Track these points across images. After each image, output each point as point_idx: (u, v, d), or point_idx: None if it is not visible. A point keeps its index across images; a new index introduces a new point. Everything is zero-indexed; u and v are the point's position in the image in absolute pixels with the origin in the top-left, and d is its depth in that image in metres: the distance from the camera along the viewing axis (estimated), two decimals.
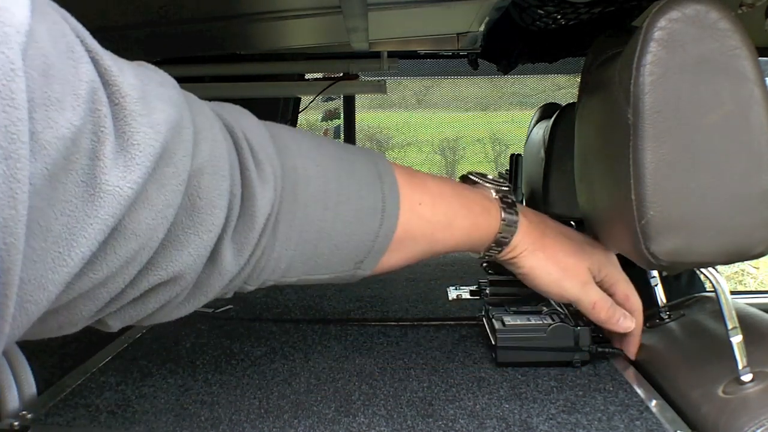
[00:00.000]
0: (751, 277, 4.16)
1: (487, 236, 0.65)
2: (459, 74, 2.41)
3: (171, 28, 1.07)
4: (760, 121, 0.54)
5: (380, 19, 1.02)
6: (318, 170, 0.53)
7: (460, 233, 0.64)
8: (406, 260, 0.62)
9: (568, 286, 0.67)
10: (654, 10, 0.55)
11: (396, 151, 5.80)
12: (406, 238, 0.59)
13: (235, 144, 0.46)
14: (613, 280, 0.70)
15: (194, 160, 0.40)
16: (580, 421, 0.58)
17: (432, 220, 0.61)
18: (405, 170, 0.61)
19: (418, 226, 0.60)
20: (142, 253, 0.38)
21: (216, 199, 0.42)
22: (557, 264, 0.67)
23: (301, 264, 0.54)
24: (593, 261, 0.69)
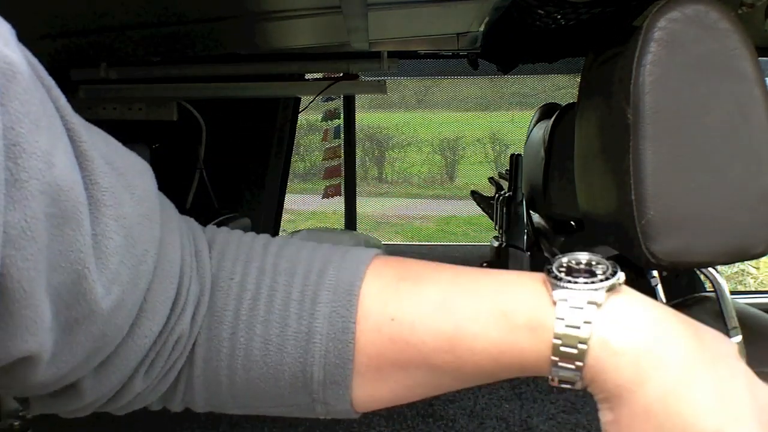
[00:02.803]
0: (751, 277, 4.16)
1: (532, 360, 0.41)
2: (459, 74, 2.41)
3: (171, 28, 1.07)
4: (760, 121, 0.54)
5: (380, 19, 1.02)
6: (232, 283, 0.45)
7: (472, 358, 0.43)
8: (409, 391, 0.46)
9: None
10: (654, 10, 0.55)
11: (396, 151, 5.80)
12: (383, 366, 0.44)
13: (193, 251, 0.43)
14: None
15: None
16: (580, 421, 0.58)
17: (413, 343, 0.44)
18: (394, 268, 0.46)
19: (395, 352, 0.44)
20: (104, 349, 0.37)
21: (159, 305, 0.39)
22: (671, 425, 0.37)
23: (224, 397, 0.46)
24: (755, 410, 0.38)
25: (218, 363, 0.44)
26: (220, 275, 0.45)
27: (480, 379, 0.44)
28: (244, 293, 0.44)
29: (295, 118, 1.85)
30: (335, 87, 1.47)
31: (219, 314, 0.44)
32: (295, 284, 0.45)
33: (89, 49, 1.22)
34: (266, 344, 0.44)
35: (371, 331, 0.44)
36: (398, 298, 0.44)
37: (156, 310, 0.38)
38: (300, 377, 0.44)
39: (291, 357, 0.44)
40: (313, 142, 4.23)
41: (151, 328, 0.38)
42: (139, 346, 0.38)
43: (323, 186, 2.09)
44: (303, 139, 4.24)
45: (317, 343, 0.44)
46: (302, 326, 0.44)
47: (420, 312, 0.44)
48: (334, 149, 2.07)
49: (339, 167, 2.07)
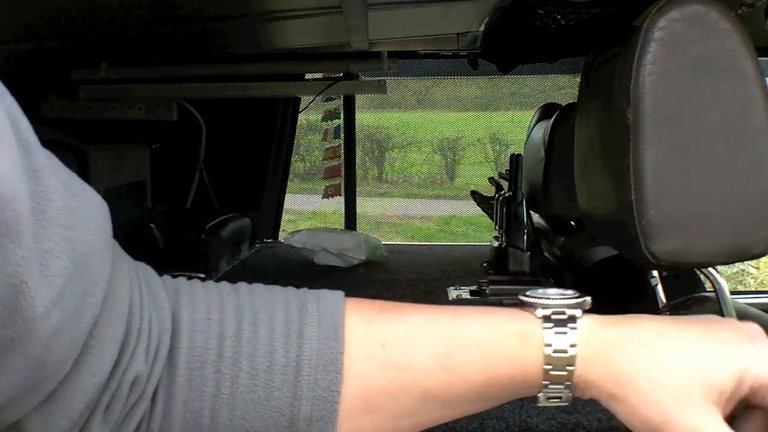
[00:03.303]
0: (751, 277, 4.17)
1: (525, 371, 0.44)
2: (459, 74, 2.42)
3: (171, 28, 1.07)
4: (760, 121, 0.54)
5: (380, 19, 1.02)
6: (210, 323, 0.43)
7: (466, 372, 0.44)
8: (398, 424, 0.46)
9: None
10: (654, 10, 0.55)
11: (396, 151, 5.81)
12: (372, 395, 0.44)
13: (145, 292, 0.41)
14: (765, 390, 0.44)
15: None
16: (580, 421, 0.58)
17: (406, 365, 0.44)
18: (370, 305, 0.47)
19: (385, 377, 0.44)
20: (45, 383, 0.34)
21: (107, 343, 0.37)
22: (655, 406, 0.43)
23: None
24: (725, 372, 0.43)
25: (201, 404, 0.42)
26: (196, 317, 0.43)
27: (469, 401, 0.46)
28: (226, 331, 0.43)
29: (295, 118, 1.85)
30: (335, 87, 1.47)
31: (200, 354, 0.43)
32: (278, 320, 0.45)
33: (89, 49, 1.23)
34: (253, 379, 0.43)
35: (360, 359, 0.44)
36: (385, 325, 0.45)
37: (104, 348, 0.36)
38: (287, 413, 0.43)
39: (279, 392, 0.43)
40: (313, 142, 4.23)
41: (99, 367, 0.36)
42: (87, 385, 0.36)
43: (323, 186, 2.09)
44: (303, 139, 4.24)
45: (305, 375, 0.43)
46: (290, 359, 0.43)
47: (409, 334, 0.45)
48: (334, 149, 2.07)
49: (339, 167, 2.07)
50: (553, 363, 0.44)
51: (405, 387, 0.44)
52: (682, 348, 0.45)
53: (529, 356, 0.44)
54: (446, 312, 0.47)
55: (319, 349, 0.44)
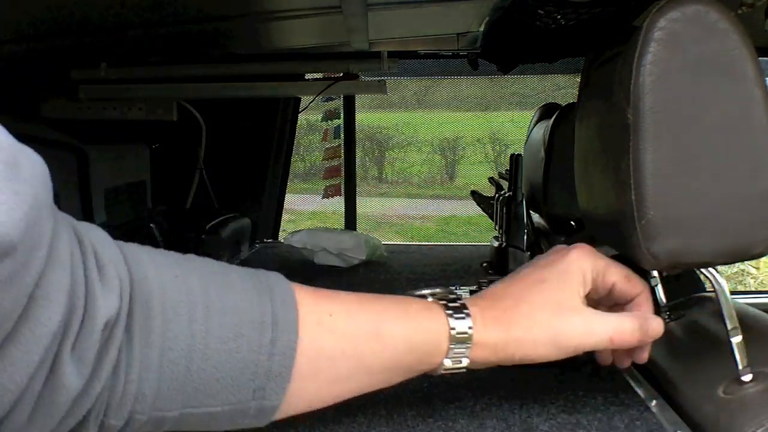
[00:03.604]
0: (751, 277, 4.16)
1: (438, 338, 0.53)
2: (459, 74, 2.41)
3: (171, 28, 1.07)
4: (760, 121, 0.54)
5: (380, 19, 1.02)
6: (176, 281, 0.46)
7: (394, 342, 0.52)
8: (333, 389, 0.52)
9: (566, 343, 0.55)
10: (654, 10, 0.55)
11: (396, 151, 5.80)
12: (320, 358, 0.50)
13: (80, 244, 0.41)
14: (602, 275, 0.59)
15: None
16: (580, 421, 0.58)
17: (348, 332, 0.51)
18: (309, 287, 0.52)
19: (332, 342, 0.50)
20: None
21: (54, 293, 0.37)
22: (540, 328, 0.55)
23: (175, 392, 0.45)
24: (571, 280, 0.57)
25: (177, 353, 0.45)
26: (163, 272, 0.46)
27: (391, 369, 0.53)
28: (194, 287, 0.47)
29: (295, 118, 1.85)
30: (335, 87, 1.47)
31: (174, 306, 0.45)
32: (240, 282, 0.49)
33: (89, 49, 1.23)
34: (225, 331, 0.46)
35: (312, 324, 0.50)
36: (328, 300, 0.52)
37: (51, 297, 0.37)
38: (251, 366, 0.47)
39: (247, 344, 0.47)
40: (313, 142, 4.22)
41: (49, 316, 0.37)
42: (38, 336, 0.36)
43: (323, 186, 2.09)
44: (303, 139, 4.24)
45: (268, 333, 0.47)
46: (255, 315, 0.48)
47: (350, 308, 0.52)
48: (334, 149, 2.07)
49: (339, 167, 2.07)
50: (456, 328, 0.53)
51: (345, 353, 0.51)
52: (536, 282, 0.57)
53: (436, 326, 0.53)
54: (371, 296, 0.55)
55: (281, 310, 0.49)
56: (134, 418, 0.44)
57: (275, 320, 0.48)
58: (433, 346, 0.53)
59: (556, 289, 0.56)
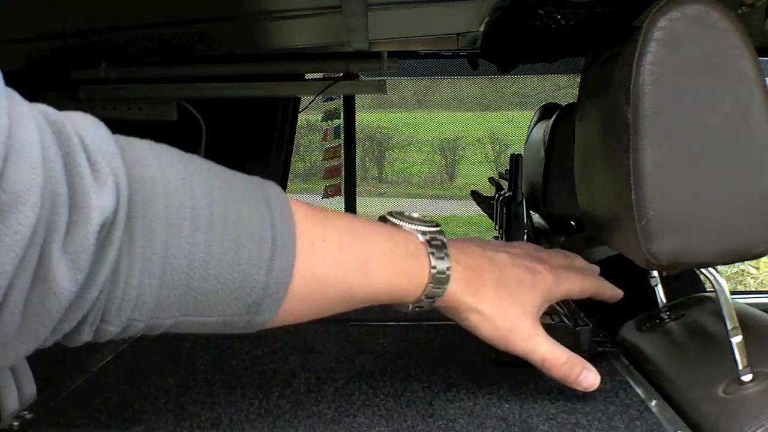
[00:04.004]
0: (751, 277, 4.16)
1: (415, 285, 0.56)
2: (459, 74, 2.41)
3: (171, 28, 1.07)
4: (760, 121, 0.54)
5: (380, 19, 1.02)
6: (182, 183, 0.44)
7: (378, 279, 0.54)
8: (316, 311, 0.53)
9: (514, 341, 0.60)
10: (654, 10, 0.55)
11: (396, 151, 5.80)
12: (312, 281, 0.50)
13: (61, 140, 0.39)
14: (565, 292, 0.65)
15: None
16: (580, 421, 0.58)
17: (340, 261, 0.51)
18: (304, 203, 0.52)
19: (325, 268, 0.50)
20: None
21: (24, 195, 0.34)
22: (504, 317, 0.59)
23: (175, 300, 0.44)
24: (540, 294, 0.62)
25: (179, 261, 0.43)
26: (168, 176, 0.44)
27: (370, 302, 0.56)
28: (197, 193, 0.45)
29: (295, 118, 1.85)
30: (335, 87, 1.47)
31: (178, 211, 0.44)
32: (244, 190, 0.49)
33: (89, 49, 1.22)
34: (226, 241, 0.45)
35: (308, 245, 0.49)
36: (322, 222, 0.52)
37: (21, 200, 0.34)
38: (250, 280, 0.46)
39: (247, 257, 0.46)
40: (313, 142, 4.22)
41: (20, 222, 0.34)
42: (8, 244, 0.34)
43: (323, 186, 2.09)
44: (303, 139, 4.24)
45: (267, 248, 0.47)
46: (255, 229, 0.47)
47: (341, 237, 0.52)
48: (334, 149, 2.07)
49: (339, 167, 2.07)
50: (434, 281, 0.56)
51: (335, 281, 0.51)
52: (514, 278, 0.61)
53: (419, 273, 0.56)
54: (361, 225, 0.55)
55: (280, 225, 0.48)
56: (132, 325, 0.44)
57: (274, 235, 0.47)
58: (410, 290, 0.56)
59: (526, 296, 0.61)
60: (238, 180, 0.50)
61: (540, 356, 0.60)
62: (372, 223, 0.57)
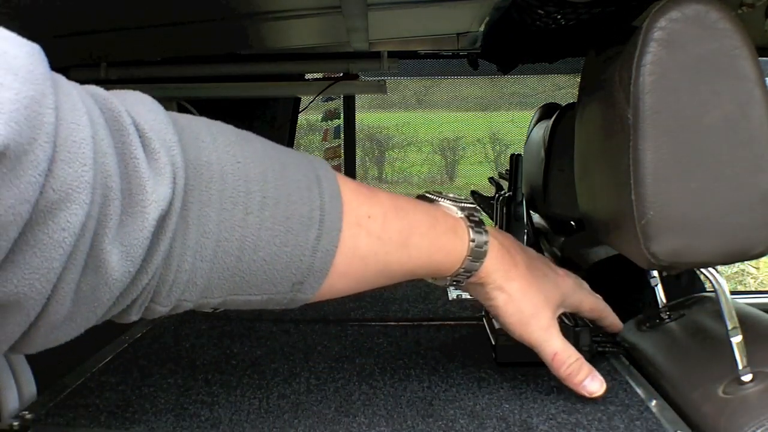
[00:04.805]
0: (751, 277, 4.16)
1: (454, 260, 0.57)
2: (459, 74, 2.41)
3: (171, 28, 1.07)
4: (760, 121, 0.54)
5: (380, 19, 1.02)
6: (238, 167, 0.45)
7: (418, 254, 0.55)
8: (356, 286, 0.54)
9: (532, 328, 0.61)
10: (654, 10, 0.55)
11: (396, 151, 5.80)
12: (354, 258, 0.51)
13: (116, 129, 0.38)
14: (578, 302, 0.67)
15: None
16: (580, 421, 0.58)
17: (383, 238, 0.52)
18: (351, 181, 0.53)
19: (368, 245, 0.51)
20: None
21: (73, 193, 0.34)
22: (529, 301, 0.60)
23: (224, 281, 0.45)
24: (561, 293, 0.64)
25: (231, 243, 0.44)
26: (223, 159, 0.45)
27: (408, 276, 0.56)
28: (252, 175, 0.46)
29: (295, 118, 1.85)
30: (335, 87, 1.47)
31: (232, 195, 0.44)
32: (299, 165, 0.49)
33: (89, 49, 1.22)
34: (276, 224, 0.46)
35: (352, 224, 0.50)
36: (366, 200, 0.53)
37: (70, 198, 0.34)
38: (296, 261, 0.48)
39: (295, 239, 0.47)
40: (313, 142, 4.22)
41: (69, 220, 0.34)
42: (57, 240, 0.34)
43: None
44: (303, 139, 4.23)
45: (314, 229, 0.48)
46: (305, 211, 0.48)
47: (386, 214, 0.53)
48: (334, 149, 2.07)
49: (339, 167, 2.07)
50: (473, 255, 0.57)
51: (376, 257, 0.52)
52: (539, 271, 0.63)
53: (458, 247, 0.57)
54: (404, 202, 0.56)
55: (328, 205, 0.49)
56: (181, 305, 0.45)
57: (322, 216, 0.48)
58: (448, 265, 0.57)
59: (550, 288, 0.63)
60: (291, 160, 0.50)
61: (552, 350, 0.61)
62: (414, 200, 0.58)
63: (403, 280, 0.57)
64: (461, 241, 0.57)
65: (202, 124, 0.46)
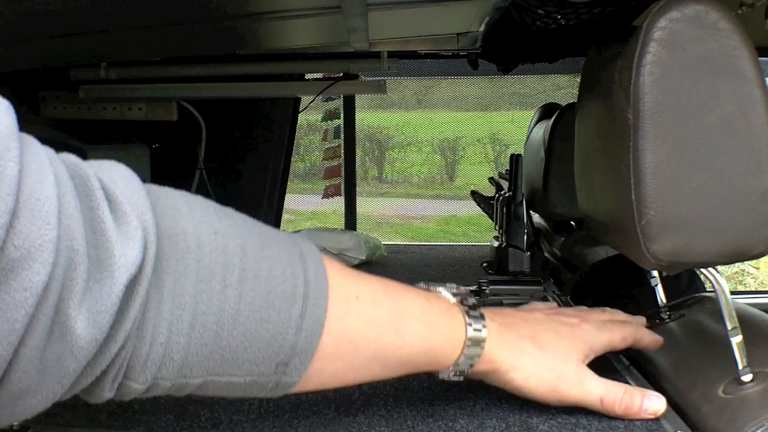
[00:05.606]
0: (751, 277, 4.16)
1: (453, 345, 0.54)
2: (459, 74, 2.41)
3: (171, 28, 1.07)
4: (760, 121, 0.54)
5: (380, 19, 1.02)
6: (215, 238, 0.43)
7: (413, 339, 0.52)
8: (347, 374, 0.51)
9: (564, 391, 0.58)
10: (654, 10, 0.55)
11: (396, 151, 5.80)
12: (343, 340, 0.48)
13: (85, 194, 0.38)
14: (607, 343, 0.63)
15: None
16: (580, 421, 0.58)
17: (374, 320, 0.50)
18: (337, 262, 0.51)
19: (357, 326, 0.49)
20: None
21: (36, 251, 0.33)
22: (548, 367, 0.57)
23: (203, 358, 0.43)
24: (582, 342, 0.60)
25: (208, 317, 0.43)
26: (200, 229, 0.43)
27: (403, 365, 0.53)
28: (231, 247, 0.44)
29: (295, 118, 1.85)
30: (335, 87, 1.47)
31: (209, 267, 0.43)
32: (278, 246, 0.47)
33: (89, 49, 1.22)
34: (256, 299, 0.44)
35: (340, 303, 0.48)
36: (354, 281, 0.51)
37: (33, 256, 0.33)
38: (278, 338, 0.45)
39: (277, 315, 0.45)
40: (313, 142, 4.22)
41: (31, 279, 0.33)
42: (19, 301, 0.33)
43: (323, 186, 2.09)
44: (303, 139, 4.24)
45: (298, 305, 0.46)
46: (287, 287, 0.46)
47: (375, 295, 0.51)
48: (334, 149, 2.07)
49: (339, 167, 2.07)
50: (472, 339, 0.54)
51: (367, 341, 0.50)
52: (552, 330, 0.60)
53: (455, 331, 0.54)
54: (393, 284, 0.54)
55: (313, 282, 0.47)
56: (158, 384, 0.42)
57: (306, 293, 0.46)
58: (446, 351, 0.54)
59: (568, 344, 0.59)
60: (272, 235, 0.48)
61: (596, 397, 0.58)
62: (403, 284, 0.55)
63: (403, 372, 0.54)
64: (458, 324, 0.54)
65: (179, 195, 0.45)
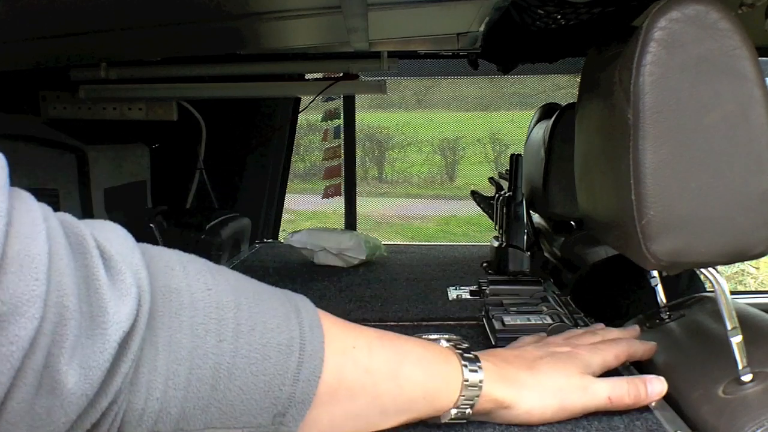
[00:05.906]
0: (751, 277, 4.16)
1: (451, 387, 0.54)
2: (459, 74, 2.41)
3: (171, 28, 1.07)
4: (760, 121, 0.54)
5: (380, 19, 1.02)
6: (209, 294, 0.45)
7: (412, 385, 0.52)
8: (344, 422, 0.51)
9: (571, 403, 0.58)
10: (654, 10, 0.55)
11: (396, 151, 5.80)
12: (340, 389, 0.49)
13: (80, 252, 0.38)
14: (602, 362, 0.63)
15: None
16: (580, 421, 0.58)
17: (371, 368, 0.51)
18: (332, 315, 0.53)
19: (354, 375, 0.50)
20: None
21: (22, 306, 0.33)
22: (548, 393, 0.57)
23: (200, 411, 0.44)
24: (579, 362, 0.61)
25: (204, 371, 0.43)
26: (194, 286, 0.44)
27: (403, 412, 0.53)
28: (225, 302, 0.45)
29: (295, 118, 1.85)
30: (335, 87, 1.47)
31: (203, 322, 0.44)
32: (271, 301, 0.48)
33: (89, 49, 1.22)
34: (252, 352, 0.45)
35: (336, 353, 0.49)
36: (350, 331, 0.52)
37: (19, 311, 0.33)
38: (275, 390, 0.46)
39: (273, 368, 0.46)
40: (313, 142, 4.22)
41: (17, 334, 0.33)
42: (4, 355, 0.33)
43: (323, 186, 2.09)
44: (303, 139, 4.24)
45: (295, 357, 0.47)
46: (283, 339, 0.47)
47: (371, 344, 0.52)
48: (334, 149, 2.07)
49: (339, 167, 2.07)
50: (470, 381, 0.54)
51: (364, 389, 0.50)
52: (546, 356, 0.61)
53: (452, 375, 0.54)
54: (391, 334, 0.55)
55: (308, 334, 0.48)
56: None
57: (302, 344, 0.47)
58: (445, 394, 0.54)
59: (564, 366, 0.60)
60: (266, 290, 0.50)
61: (603, 398, 0.58)
62: (397, 333, 0.56)
63: (404, 419, 0.54)
64: (454, 367, 0.55)
65: (172, 254, 0.46)
